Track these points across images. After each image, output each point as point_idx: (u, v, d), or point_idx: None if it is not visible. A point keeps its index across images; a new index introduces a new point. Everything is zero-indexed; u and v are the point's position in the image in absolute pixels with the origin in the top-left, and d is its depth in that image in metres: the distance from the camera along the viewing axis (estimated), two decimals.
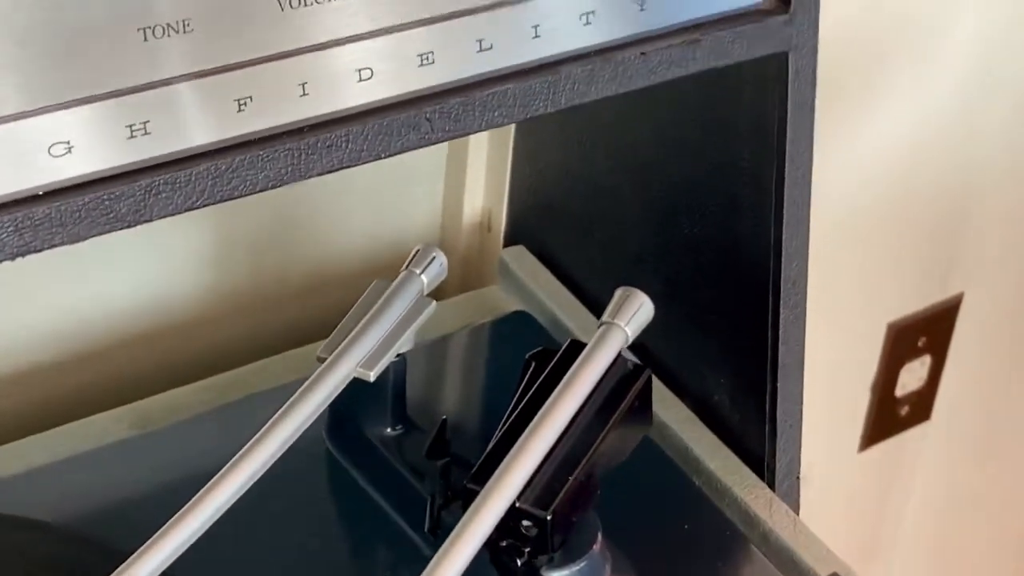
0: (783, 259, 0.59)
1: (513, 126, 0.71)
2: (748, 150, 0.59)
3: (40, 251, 0.44)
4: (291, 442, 0.53)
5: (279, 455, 0.52)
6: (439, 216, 0.77)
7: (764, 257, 0.60)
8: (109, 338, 0.69)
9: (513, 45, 0.50)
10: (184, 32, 0.44)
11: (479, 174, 0.74)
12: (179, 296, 0.71)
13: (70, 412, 0.65)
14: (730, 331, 0.64)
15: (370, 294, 0.58)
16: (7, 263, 0.43)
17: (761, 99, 0.57)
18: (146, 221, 0.45)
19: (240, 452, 0.52)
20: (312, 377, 0.54)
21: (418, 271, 0.58)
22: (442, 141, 0.50)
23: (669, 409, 0.66)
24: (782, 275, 0.59)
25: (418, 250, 0.59)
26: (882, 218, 0.95)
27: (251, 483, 0.51)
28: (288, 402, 0.53)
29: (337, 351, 0.55)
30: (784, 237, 0.58)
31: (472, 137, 0.71)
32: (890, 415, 1.09)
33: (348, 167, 0.48)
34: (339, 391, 0.54)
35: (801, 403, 0.63)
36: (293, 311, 0.74)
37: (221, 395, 0.65)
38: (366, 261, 0.75)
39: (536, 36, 0.50)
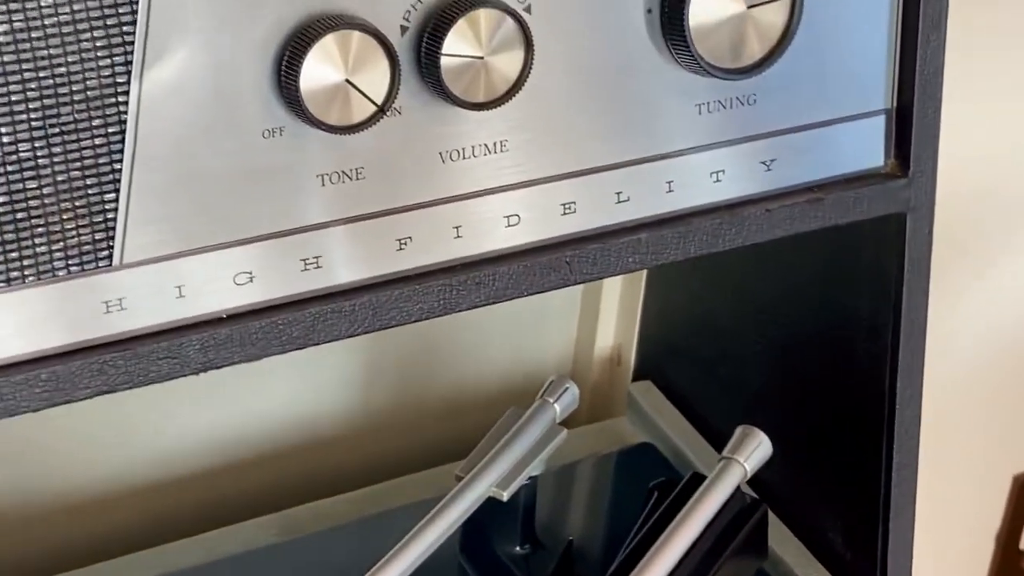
0: (897, 407, 0.62)
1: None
2: (866, 301, 0.63)
3: (220, 368, 0.49)
4: (428, 554, 0.57)
5: (416, 565, 0.57)
6: (572, 348, 0.82)
7: (879, 404, 0.63)
8: (262, 450, 0.74)
9: (648, 198, 0.55)
10: (356, 179, 0.50)
11: (611, 311, 0.79)
12: (327, 413, 0.76)
13: (223, 517, 0.71)
14: (845, 471, 0.67)
15: (506, 419, 0.63)
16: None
17: (880, 254, 0.61)
18: (313, 344, 0.50)
19: (381, 561, 0.57)
20: (450, 494, 0.58)
21: (552, 400, 0.63)
22: (580, 283, 0.54)
23: (783, 543, 0.69)
24: (896, 422, 0.62)
25: (552, 381, 0.64)
26: (1008, 372, 0.97)
27: None
28: (428, 516, 0.57)
29: (474, 471, 0.59)
30: (899, 386, 0.62)
31: None
32: (1013, 567, 1.10)
33: (494, 303, 0.53)
34: (474, 509, 0.59)
35: (911, 547, 0.66)
36: (432, 431, 0.79)
37: (363, 508, 0.70)
38: (502, 387, 0.80)
39: (670, 191, 0.55)
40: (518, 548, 0.64)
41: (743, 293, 0.71)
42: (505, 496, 0.59)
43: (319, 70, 0.47)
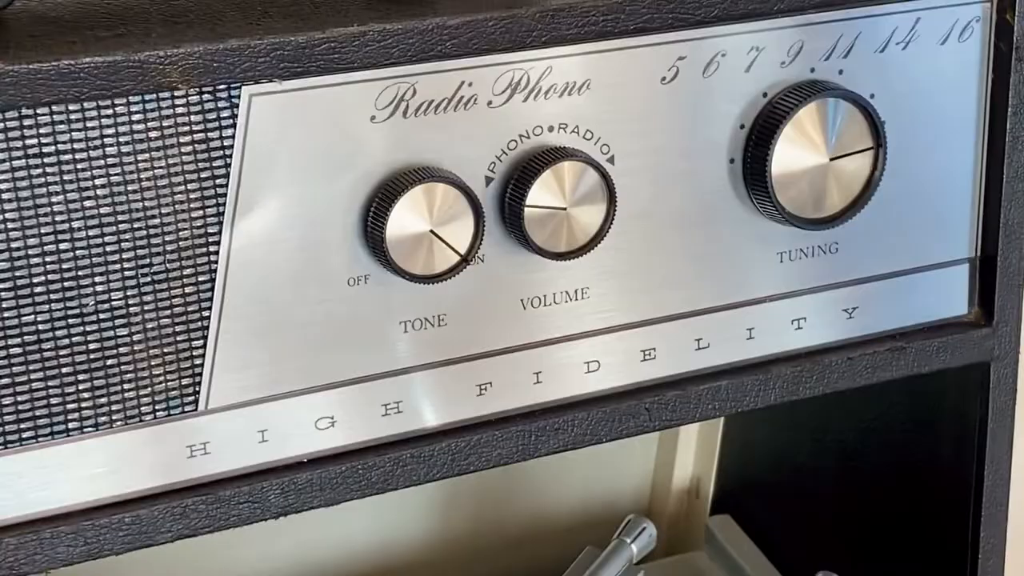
0: (980, 555, 0.61)
1: None
2: (948, 448, 0.62)
3: (299, 512, 0.50)
4: None
5: None
6: (650, 479, 0.81)
7: (961, 551, 0.62)
8: (343, 574, 0.74)
9: (729, 345, 0.55)
10: (439, 326, 0.50)
11: (690, 445, 0.79)
12: (405, 540, 0.76)
13: None
14: None
15: (583, 559, 0.62)
16: None
17: (963, 402, 0.60)
18: (392, 489, 0.51)
19: None
20: None
21: (629, 540, 0.62)
22: (658, 430, 0.54)
23: None
24: (979, 570, 0.61)
25: (630, 519, 0.63)
26: None
27: None
28: None
29: None
30: (982, 535, 0.61)
31: None
32: None
33: (572, 449, 0.53)
34: None
35: None
36: (508, 560, 0.78)
37: None
38: (579, 516, 0.80)
39: (751, 338, 0.55)
40: None
41: (824, 432, 0.70)
42: None
43: (405, 221, 0.48)
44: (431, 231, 0.48)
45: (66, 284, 0.45)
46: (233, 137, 0.46)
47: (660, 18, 0.50)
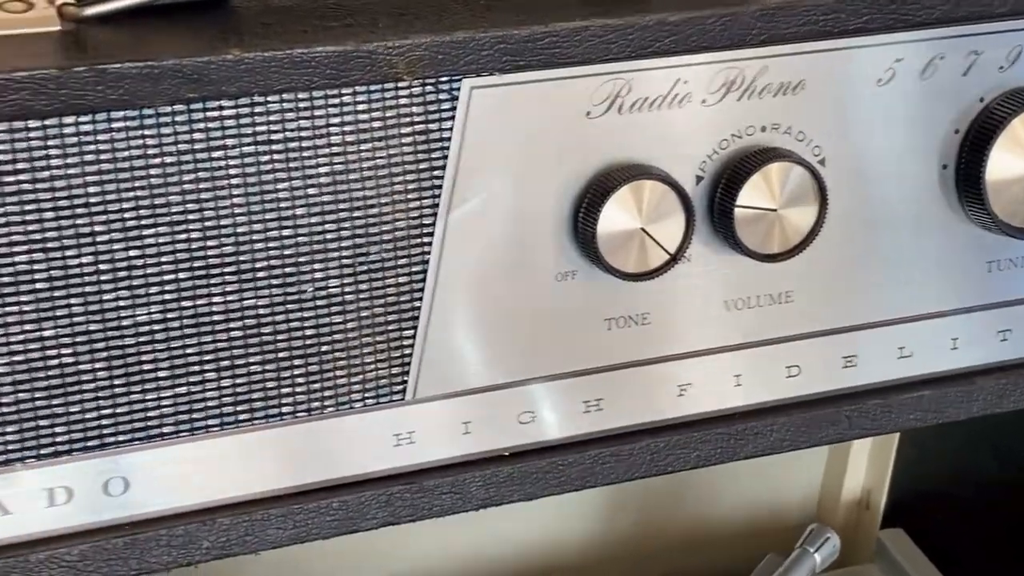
0: None
1: None
2: None
3: (499, 505, 0.50)
4: None
5: None
6: (818, 489, 0.80)
7: None
8: (505, 572, 0.75)
9: (932, 354, 0.54)
10: (642, 324, 0.50)
11: (862, 454, 0.77)
12: (570, 539, 0.76)
13: None
14: None
15: (765, 566, 0.62)
16: None
17: None
18: (591, 487, 0.51)
19: None
20: None
21: (812, 550, 0.61)
22: (856, 439, 0.54)
23: None
24: None
25: (813, 529, 0.62)
26: None
27: None
28: None
29: None
30: None
31: None
32: None
33: (770, 455, 0.53)
34: None
35: None
36: (674, 564, 0.78)
37: None
38: (745, 523, 0.79)
39: (955, 348, 0.54)
40: None
41: (1006, 445, 0.69)
42: None
43: (615, 218, 0.47)
44: (641, 229, 0.48)
45: (287, 270, 0.45)
46: (451, 129, 0.46)
47: (880, 19, 0.49)
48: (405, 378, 0.48)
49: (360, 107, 0.45)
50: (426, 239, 0.47)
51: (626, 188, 0.47)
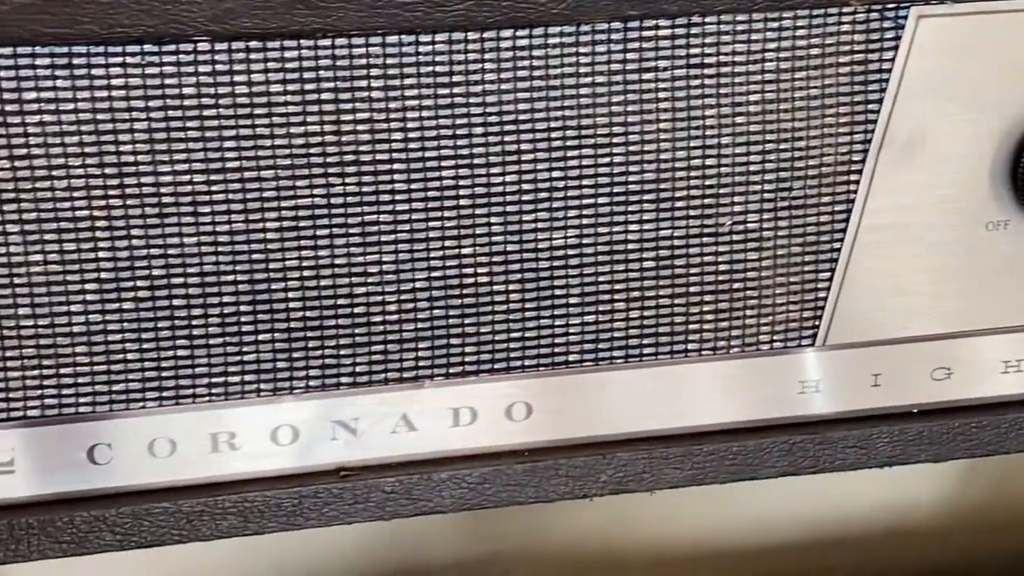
0: None
1: None
2: None
3: (905, 464, 0.47)
4: None
5: None
6: None
7: None
8: (847, 530, 0.72)
9: None
10: None
11: None
12: (916, 503, 0.73)
13: None
14: None
15: None
16: None
17: None
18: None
19: None
20: None
21: None
22: None
23: None
24: None
25: None
26: None
27: None
28: None
29: None
30: None
31: None
32: None
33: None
34: None
35: None
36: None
37: None
38: None
39: None
40: None
41: None
42: None
43: None
44: None
45: (706, 201, 0.43)
46: (893, 60, 0.43)
47: None
48: (817, 323, 0.45)
49: (800, 32, 0.42)
50: (853, 176, 0.44)
51: None
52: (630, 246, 0.43)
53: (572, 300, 0.44)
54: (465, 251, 0.42)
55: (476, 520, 0.66)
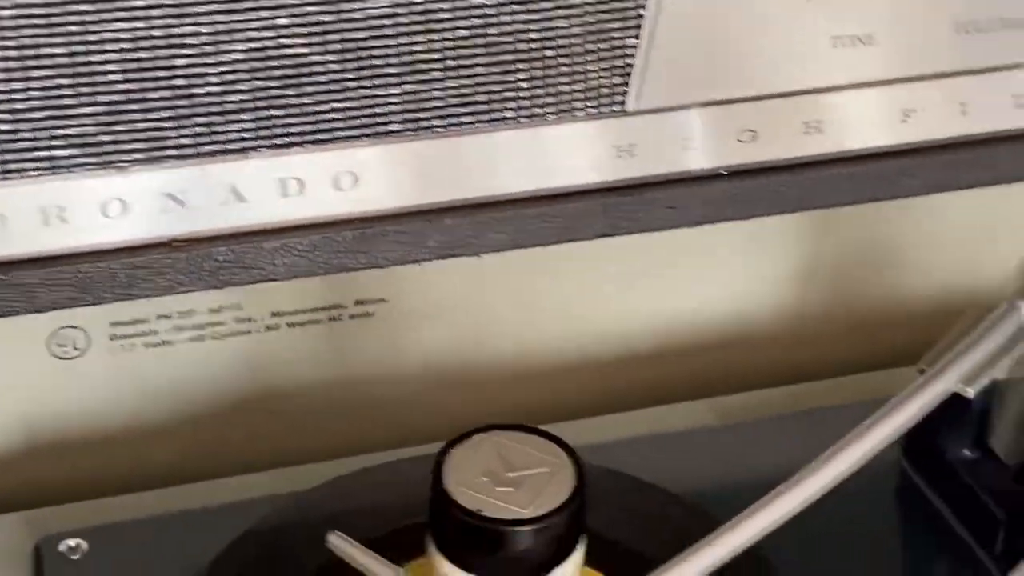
0: None
1: None
2: None
3: (715, 222, 0.49)
4: (879, 449, 0.56)
5: (863, 462, 0.55)
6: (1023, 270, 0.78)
7: None
8: (698, 338, 0.75)
9: None
10: (867, 44, 0.49)
11: None
12: (757, 312, 0.76)
13: (661, 397, 0.72)
14: None
15: (968, 318, 0.60)
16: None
17: None
18: (807, 208, 0.50)
19: (827, 452, 0.55)
20: (914, 386, 0.57)
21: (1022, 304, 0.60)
22: None
23: None
24: None
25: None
26: None
27: (830, 485, 0.54)
28: (889, 404, 0.56)
29: (939, 365, 0.58)
30: None
31: None
32: None
33: (994, 185, 0.51)
34: (937, 403, 0.57)
35: None
36: (862, 341, 0.77)
37: (799, 402, 0.69)
38: (939, 303, 0.78)
39: None
40: (966, 452, 0.62)
41: None
42: (971, 393, 0.57)
43: None
44: None
45: None
46: None
47: None
48: (626, 88, 0.48)
49: None
50: None
51: None
52: (443, 15, 0.45)
53: (390, 70, 0.45)
54: (281, 21, 0.44)
55: (337, 339, 0.68)
